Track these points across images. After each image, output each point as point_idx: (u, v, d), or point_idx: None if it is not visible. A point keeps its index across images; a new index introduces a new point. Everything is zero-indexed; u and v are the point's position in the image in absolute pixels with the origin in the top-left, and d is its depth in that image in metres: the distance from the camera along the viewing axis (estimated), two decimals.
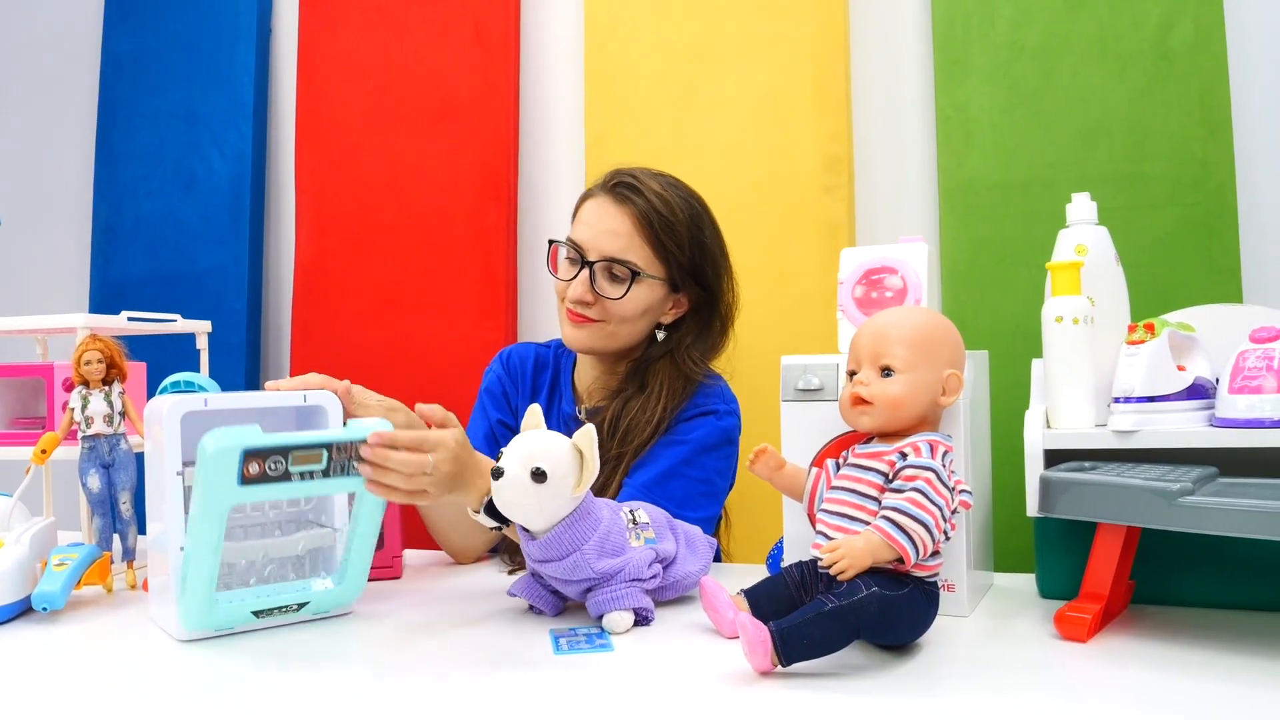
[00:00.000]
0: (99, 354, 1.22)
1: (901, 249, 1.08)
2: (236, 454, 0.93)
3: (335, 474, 0.98)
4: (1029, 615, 1.02)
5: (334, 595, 1.06)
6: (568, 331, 1.37)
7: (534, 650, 0.94)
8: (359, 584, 1.07)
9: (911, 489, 0.87)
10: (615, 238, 1.32)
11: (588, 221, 1.35)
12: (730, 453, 1.35)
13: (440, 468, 1.01)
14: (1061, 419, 1.06)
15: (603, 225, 1.33)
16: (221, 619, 0.99)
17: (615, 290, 1.32)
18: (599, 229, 1.33)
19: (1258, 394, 0.98)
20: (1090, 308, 1.06)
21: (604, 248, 1.32)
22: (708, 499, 1.31)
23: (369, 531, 1.05)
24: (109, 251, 2.35)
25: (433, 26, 2.14)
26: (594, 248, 1.33)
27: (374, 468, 0.99)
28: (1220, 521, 0.84)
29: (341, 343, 2.15)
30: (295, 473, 0.96)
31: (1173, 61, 1.70)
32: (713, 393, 1.36)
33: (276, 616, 1.02)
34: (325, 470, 0.98)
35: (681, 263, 1.35)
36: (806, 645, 0.81)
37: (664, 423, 1.32)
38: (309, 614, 1.05)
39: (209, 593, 0.97)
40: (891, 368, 0.94)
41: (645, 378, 1.36)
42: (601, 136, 2.01)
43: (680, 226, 1.34)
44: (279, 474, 0.96)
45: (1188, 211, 1.68)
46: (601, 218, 1.34)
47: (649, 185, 1.34)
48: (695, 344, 1.39)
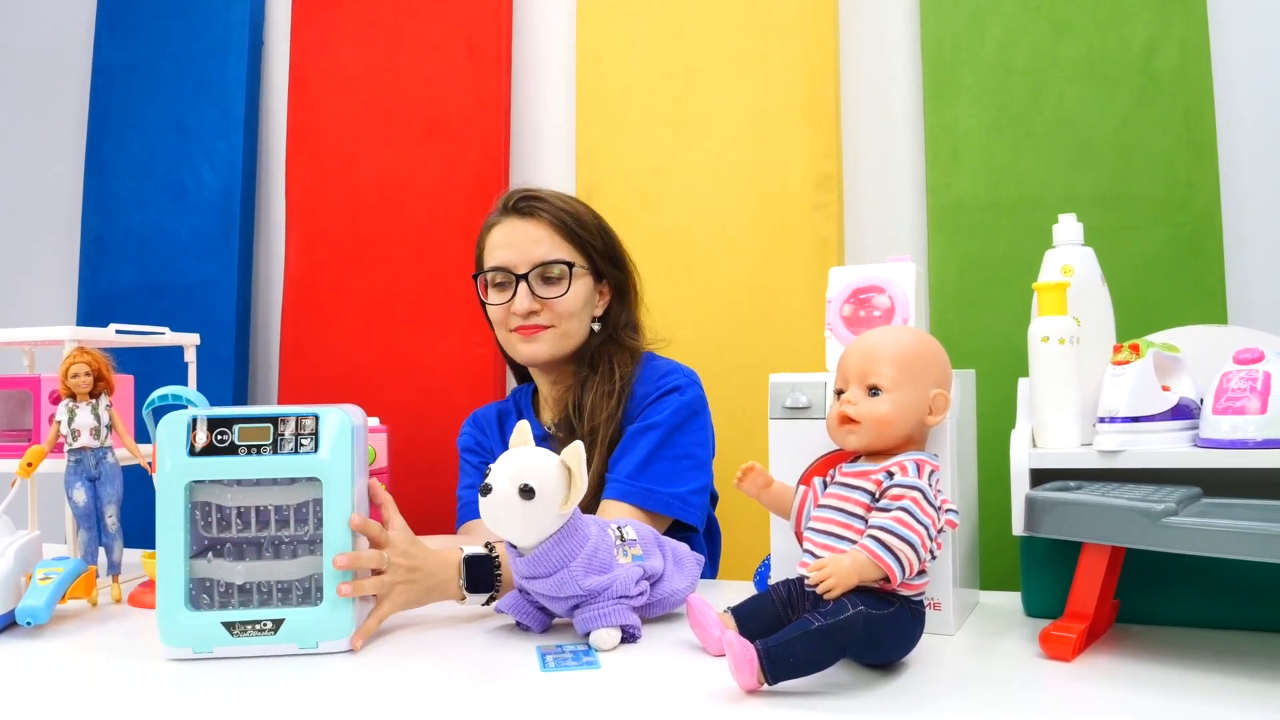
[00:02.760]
0: (86, 367, 1.22)
1: (889, 268, 1.09)
2: (185, 422, 0.97)
3: (283, 451, 0.99)
4: (1014, 634, 1.02)
5: (314, 620, 0.99)
6: (523, 349, 1.41)
7: (521, 667, 0.94)
8: (344, 614, 0.99)
9: (898, 508, 0.88)
10: (539, 245, 1.40)
11: (505, 243, 1.41)
12: (703, 422, 1.39)
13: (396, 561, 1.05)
14: (1047, 438, 1.07)
15: (522, 238, 1.40)
16: (196, 634, 0.97)
17: (556, 290, 1.39)
18: (520, 243, 1.40)
19: (1241, 415, 0.99)
20: (1076, 328, 1.07)
21: (532, 256, 1.39)
22: (693, 471, 1.34)
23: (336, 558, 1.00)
24: (98, 263, 2.34)
25: (425, 41, 2.15)
26: (522, 261, 1.39)
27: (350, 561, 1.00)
28: (1204, 542, 0.85)
29: (331, 356, 2.14)
30: (241, 446, 0.98)
31: (1158, 83, 1.72)
32: (670, 369, 1.41)
33: (251, 635, 0.97)
34: (273, 446, 0.99)
35: (599, 250, 1.44)
36: (792, 664, 0.82)
37: (624, 393, 1.38)
38: (288, 640, 0.98)
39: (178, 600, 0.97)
40: (879, 387, 0.94)
41: (594, 361, 1.43)
42: (592, 153, 2.02)
43: (586, 218, 1.44)
44: (226, 446, 0.98)
45: (1173, 232, 1.69)
46: (518, 233, 1.40)
47: (546, 193, 1.44)
48: (627, 324, 1.49)
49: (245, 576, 1.02)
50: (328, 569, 0.99)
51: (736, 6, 1.95)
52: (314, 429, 1.00)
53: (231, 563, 1.02)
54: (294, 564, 1.02)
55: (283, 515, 1.03)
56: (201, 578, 1.01)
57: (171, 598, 0.98)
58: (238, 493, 1.02)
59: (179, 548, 0.99)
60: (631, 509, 1.28)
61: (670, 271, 1.93)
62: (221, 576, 1.02)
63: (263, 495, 1.02)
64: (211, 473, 0.99)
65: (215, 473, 0.99)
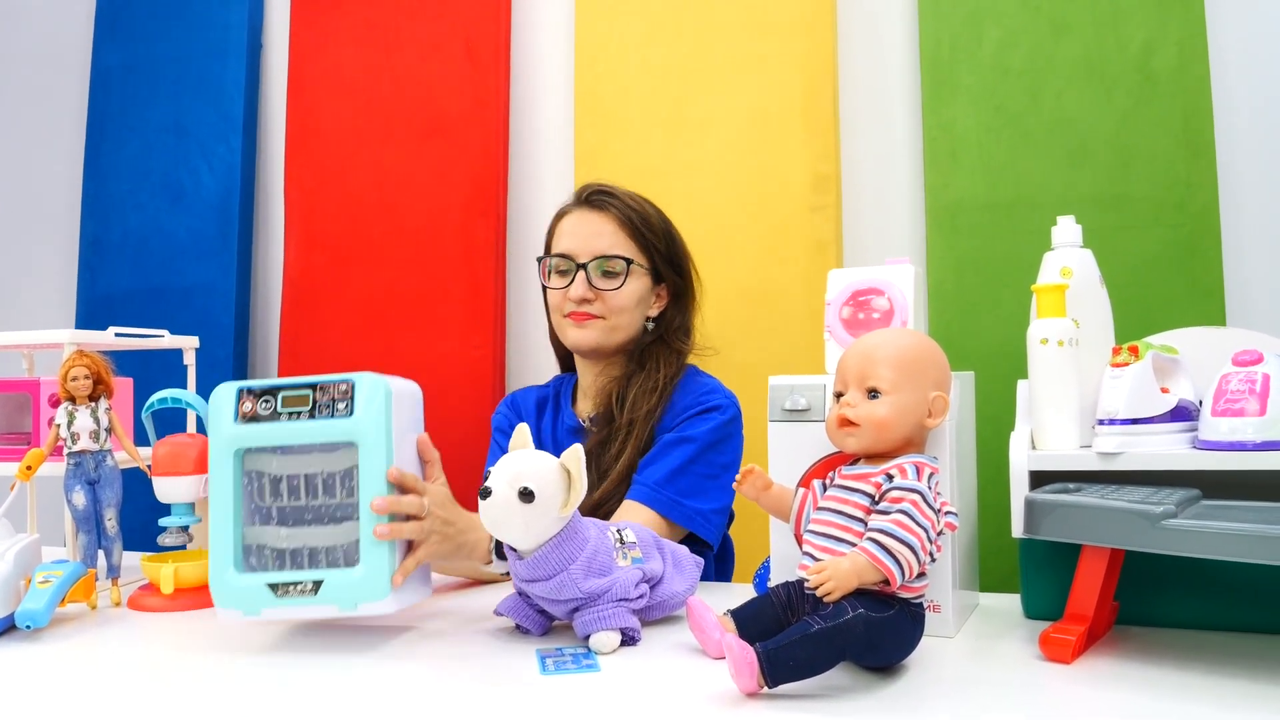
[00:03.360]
0: (86, 370, 1.22)
1: (888, 270, 1.09)
2: (234, 391, 1.04)
3: (321, 416, 1.02)
4: (1014, 636, 1.03)
5: (348, 580, 1.01)
6: (572, 334, 1.46)
7: (520, 670, 0.94)
8: (380, 577, 1.00)
9: (897, 511, 0.88)
10: (602, 238, 1.45)
11: (572, 231, 1.46)
12: (735, 445, 1.42)
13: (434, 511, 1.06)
14: (1046, 440, 1.07)
15: (589, 230, 1.45)
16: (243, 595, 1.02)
17: (612, 283, 1.44)
18: (585, 234, 1.45)
19: (1240, 417, 0.99)
20: (1075, 330, 1.07)
21: (594, 248, 1.44)
22: (719, 491, 1.37)
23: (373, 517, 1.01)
24: (96, 265, 2.34)
25: (424, 42, 2.15)
26: (584, 250, 1.44)
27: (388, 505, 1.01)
28: (1203, 544, 0.85)
29: (330, 357, 2.14)
30: (284, 413, 1.03)
31: (1156, 84, 1.72)
32: (714, 388, 1.45)
33: (294, 596, 1.01)
34: (311, 412, 1.03)
35: (660, 252, 1.49)
36: (792, 667, 0.82)
37: (665, 393, 1.42)
38: (329, 601, 1.01)
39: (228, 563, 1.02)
40: (878, 389, 0.94)
41: (643, 359, 1.47)
42: (591, 154, 2.02)
43: (654, 220, 1.49)
44: (270, 413, 1.03)
45: (1171, 233, 1.70)
46: (585, 224, 1.46)
47: (619, 191, 1.49)
48: (680, 327, 1.53)
49: (289, 542, 1.05)
50: (364, 526, 1.01)
51: (735, 8, 1.95)
52: (349, 394, 1.03)
53: (277, 528, 1.05)
54: (337, 529, 1.04)
55: (328, 482, 1.05)
56: (250, 543, 1.05)
57: (222, 561, 1.03)
58: (283, 461, 1.05)
59: (229, 514, 1.03)
60: (653, 515, 1.30)
61: None
62: (268, 542, 1.05)
63: (306, 463, 1.05)
64: (256, 439, 1.03)
65: (259, 439, 1.03)
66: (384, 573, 1.01)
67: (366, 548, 1.01)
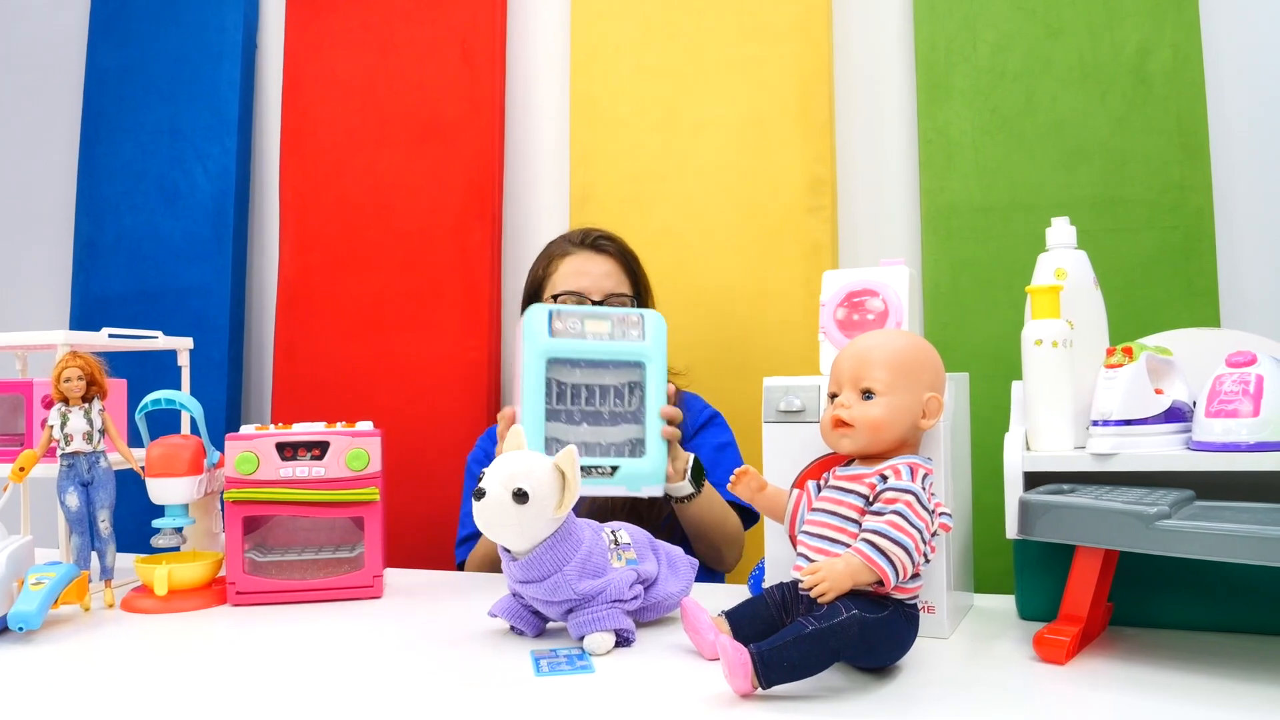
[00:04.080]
0: (79, 371, 1.21)
1: (883, 272, 1.09)
2: (546, 312, 1.25)
3: (617, 339, 1.26)
4: (1008, 637, 1.03)
5: (638, 468, 1.23)
6: None
7: (514, 671, 0.94)
8: (660, 467, 1.24)
9: (892, 512, 0.88)
10: (609, 278, 1.57)
11: (581, 271, 1.57)
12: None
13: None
14: (1040, 441, 1.07)
15: (598, 270, 1.57)
16: None
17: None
18: (595, 274, 1.56)
19: (1233, 418, 0.99)
20: (1069, 331, 1.07)
21: (604, 287, 1.56)
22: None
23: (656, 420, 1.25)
24: (90, 267, 2.34)
25: (419, 45, 2.15)
26: (596, 289, 1.55)
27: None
28: (1197, 545, 0.85)
29: (324, 360, 2.14)
30: (589, 334, 1.26)
31: (1151, 86, 1.72)
32: (703, 403, 1.62)
33: (595, 478, 1.22)
34: (610, 335, 1.26)
35: (644, 287, 1.64)
36: (787, 667, 0.81)
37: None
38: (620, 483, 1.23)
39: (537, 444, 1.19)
40: (872, 390, 0.94)
41: None
42: (586, 157, 2.02)
43: (636, 262, 1.63)
44: (576, 332, 1.25)
45: (1166, 235, 1.70)
46: (593, 265, 1.58)
47: (612, 235, 1.63)
48: None
49: (584, 437, 1.25)
50: (651, 427, 1.24)
51: (730, 11, 1.95)
52: (640, 324, 1.27)
53: (576, 426, 1.25)
54: (617, 430, 1.26)
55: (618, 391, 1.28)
56: (550, 437, 1.23)
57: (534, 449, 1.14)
58: (577, 373, 1.26)
59: (539, 409, 1.22)
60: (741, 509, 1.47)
61: (663, 275, 1.92)
62: (566, 436, 1.23)
63: (595, 376, 1.26)
64: (567, 351, 1.24)
65: (569, 351, 1.24)
66: (662, 464, 1.25)
67: (652, 444, 1.24)
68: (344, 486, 1.25)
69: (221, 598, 1.25)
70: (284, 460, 1.24)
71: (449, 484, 1.96)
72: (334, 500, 1.25)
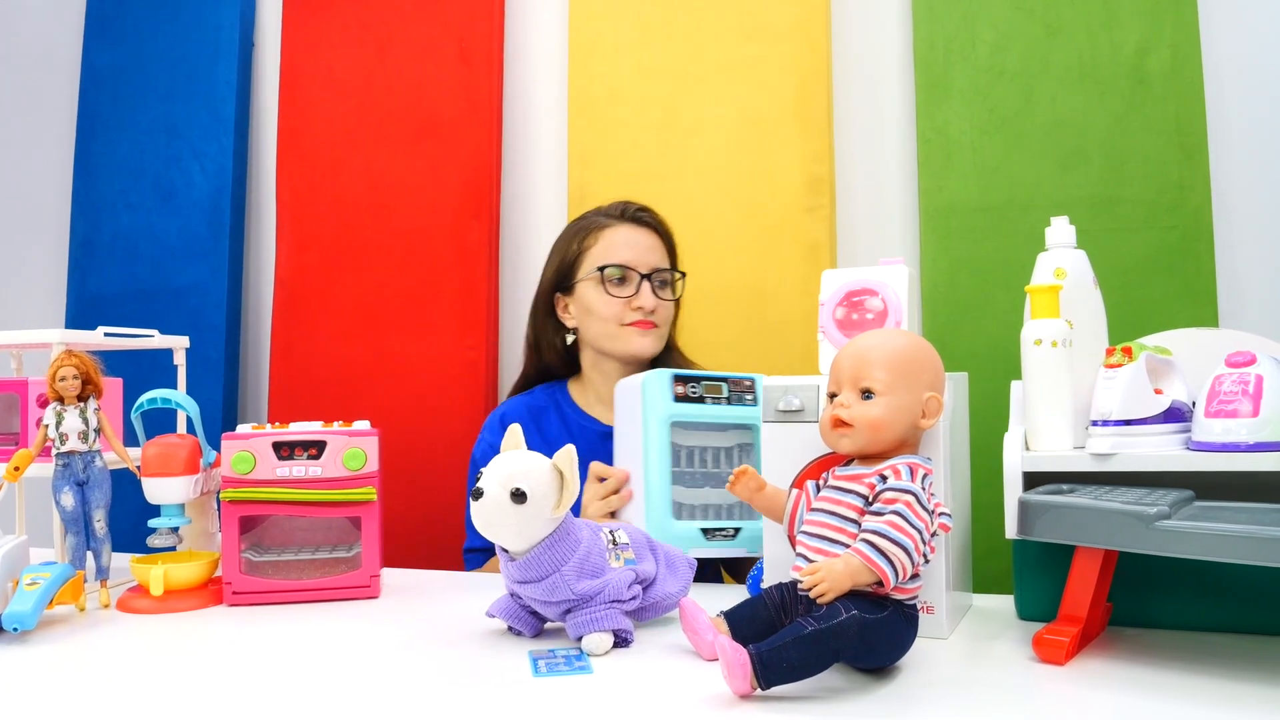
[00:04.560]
0: (74, 370, 1.21)
1: (882, 271, 1.09)
2: (668, 377, 1.28)
3: (734, 403, 1.31)
4: (1007, 637, 1.02)
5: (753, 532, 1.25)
6: (636, 343, 1.54)
7: (512, 672, 0.93)
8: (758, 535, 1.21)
9: (891, 512, 0.87)
10: (653, 252, 1.57)
11: (627, 244, 1.56)
12: None
13: None
14: (1040, 441, 1.07)
15: (644, 244, 1.57)
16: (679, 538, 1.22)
17: (667, 295, 1.58)
18: (639, 247, 1.56)
19: (1233, 418, 0.99)
20: (1069, 331, 1.07)
21: (650, 261, 1.56)
22: None
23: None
24: (86, 265, 2.33)
25: (416, 44, 2.14)
26: (642, 263, 1.55)
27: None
28: (1197, 546, 0.85)
29: (321, 359, 2.13)
30: (708, 397, 1.29)
31: (1150, 86, 1.72)
32: None
33: (718, 540, 1.26)
34: (727, 399, 1.31)
35: (677, 261, 1.63)
36: (786, 668, 0.81)
37: None
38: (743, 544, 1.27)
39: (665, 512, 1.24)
40: (872, 390, 0.94)
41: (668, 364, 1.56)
42: (584, 156, 2.01)
43: (672, 236, 1.63)
44: (696, 397, 1.29)
45: (1164, 235, 1.70)
46: (639, 238, 1.57)
47: (649, 208, 1.62)
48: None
49: (709, 499, 1.29)
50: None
51: (729, 10, 1.95)
52: (752, 388, 1.32)
53: (697, 489, 1.30)
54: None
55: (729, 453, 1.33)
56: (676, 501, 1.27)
57: (661, 511, 1.25)
58: (694, 436, 1.30)
59: (665, 473, 1.26)
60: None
61: None
62: (691, 500, 1.29)
63: (711, 439, 1.31)
64: (689, 415, 1.28)
65: (691, 415, 1.28)
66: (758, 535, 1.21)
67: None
68: (341, 486, 1.25)
69: (218, 598, 1.24)
70: (281, 460, 1.24)
71: (446, 483, 1.96)
72: (331, 500, 1.24)
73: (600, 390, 1.58)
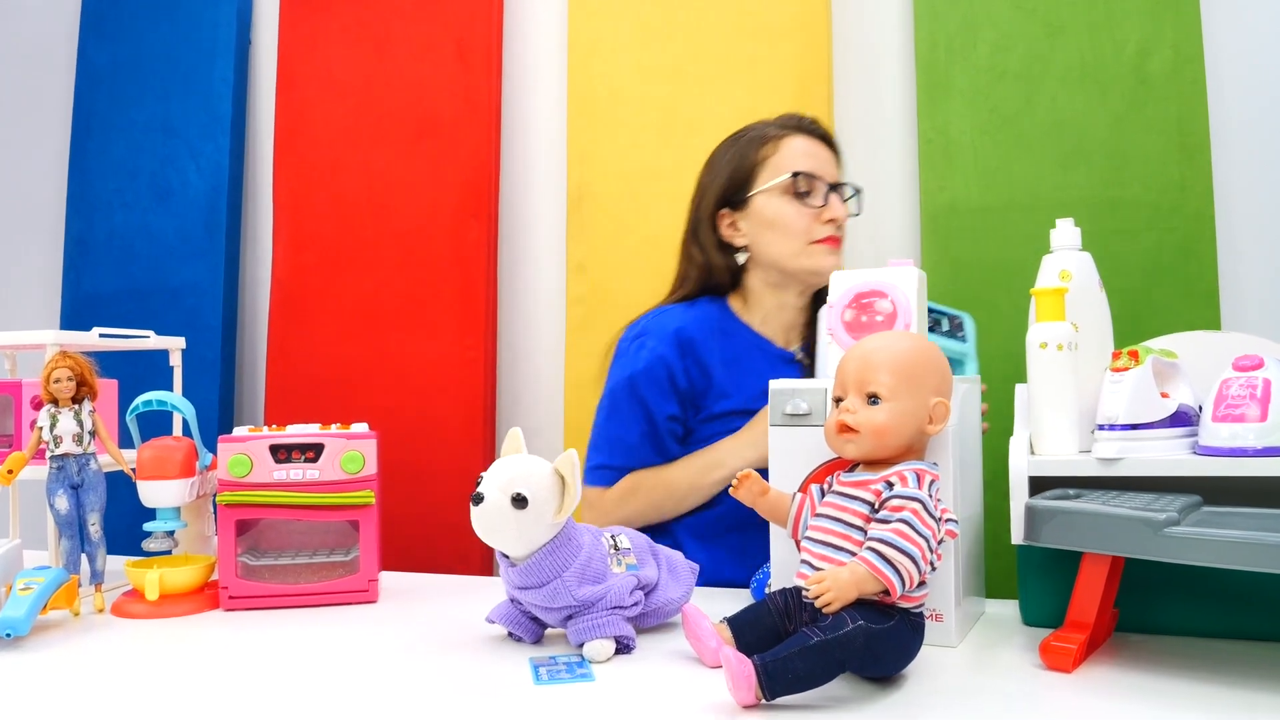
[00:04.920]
0: (69, 371, 1.19)
1: (891, 273, 1.07)
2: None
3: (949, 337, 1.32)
4: (1012, 644, 1.01)
5: None
6: (826, 260, 1.41)
7: (513, 679, 0.92)
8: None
9: (898, 520, 0.86)
10: (833, 165, 1.46)
11: (811, 154, 1.43)
12: None
13: None
14: (1045, 445, 1.06)
15: (822, 156, 1.44)
16: None
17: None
18: (822, 158, 1.44)
19: (1240, 422, 0.98)
20: (1074, 334, 1.06)
21: (833, 174, 1.45)
22: None
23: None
24: (81, 265, 2.32)
25: (414, 42, 2.13)
26: (828, 174, 1.43)
27: None
28: (1207, 552, 0.84)
29: (319, 360, 2.12)
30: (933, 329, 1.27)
31: (1151, 87, 1.71)
32: None
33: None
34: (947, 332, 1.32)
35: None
36: (791, 679, 0.80)
37: None
38: None
39: None
40: (878, 395, 0.93)
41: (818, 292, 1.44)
42: (583, 155, 2.00)
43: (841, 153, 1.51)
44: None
45: (1166, 236, 1.69)
46: (816, 150, 1.44)
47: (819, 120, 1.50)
48: None
49: None
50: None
51: (729, 9, 1.94)
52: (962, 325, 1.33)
53: None
54: None
55: None
56: None
57: None
58: None
59: None
60: None
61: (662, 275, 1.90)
62: None
63: None
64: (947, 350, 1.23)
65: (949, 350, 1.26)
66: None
67: None
68: (339, 489, 1.23)
69: (214, 602, 1.23)
70: (278, 463, 1.23)
71: (444, 484, 1.95)
72: (329, 504, 1.23)
73: (771, 312, 1.46)
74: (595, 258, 1.97)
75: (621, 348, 1.46)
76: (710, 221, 1.47)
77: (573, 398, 1.96)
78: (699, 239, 1.48)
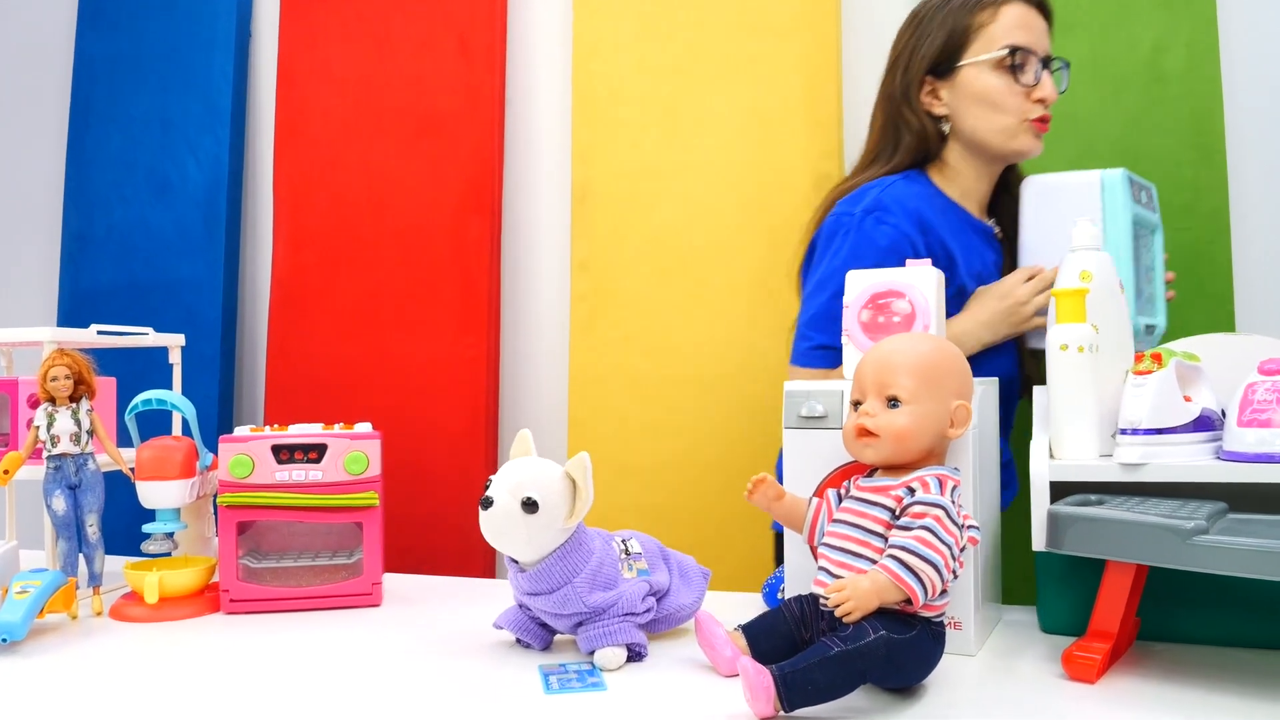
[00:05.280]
0: (66, 370, 1.17)
1: (909, 272, 1.05)
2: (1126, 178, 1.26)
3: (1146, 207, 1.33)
4: (1033, 653, 0.99)
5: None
6: (1029, 142, 1.37)
7: (522, 687, 0.90)
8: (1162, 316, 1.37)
9: (920, 527, 0.84)
10: (1047, 37, 1.38)
11: (1027, 25, 1.36)
12: None
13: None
14: (1065, 449, 1.04)
15: (1038, 27, 1.37)
16: None
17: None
18: (1038, 31, 1.37)
19: (1267, 427, 0.96)
20: (1095, 335, 1.04)
21: (1046, 48, 1.38)
22: None
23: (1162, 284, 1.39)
24: (79, 260, 2.29)
25: (416, 37, 2.10)
26: (1041, 47, 1.36)
27: None
28: (1237, 562, 0.82)
29: (319, 357, 2.10)
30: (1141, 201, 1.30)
31: (1166, 85, 1.69)
32: None
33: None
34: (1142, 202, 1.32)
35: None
36: (811, 690, 0.78)
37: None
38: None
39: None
40: (898, 398, 0.90)
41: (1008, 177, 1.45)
42: (587, 153, 1.98)
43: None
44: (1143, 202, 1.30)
45: (1180, 236, 1.66)
46: (1033, 20, 1.37)
47: None
48: None
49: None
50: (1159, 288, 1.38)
51: (735, 4, 1.91)
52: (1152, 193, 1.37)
53: None
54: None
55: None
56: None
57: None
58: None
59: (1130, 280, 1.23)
60: None
61: (666, 273, 1.89)
62: None
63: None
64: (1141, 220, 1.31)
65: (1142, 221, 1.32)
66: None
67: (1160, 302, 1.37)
68: (342, 491, 1.21)
69: (214, 605, 1.21)
70: (280, 463, 1.20)
71: (446, 484, 1.92)
72: (332, 505, 1.21)
73: (970, 186, 1.41)
74: (599, 255, 1.95)
75: (846, 222, 1.34)
76: (919, 87, 1.40)
77: (576, 397, 1.94)
78: (912, 105, 1.40)
